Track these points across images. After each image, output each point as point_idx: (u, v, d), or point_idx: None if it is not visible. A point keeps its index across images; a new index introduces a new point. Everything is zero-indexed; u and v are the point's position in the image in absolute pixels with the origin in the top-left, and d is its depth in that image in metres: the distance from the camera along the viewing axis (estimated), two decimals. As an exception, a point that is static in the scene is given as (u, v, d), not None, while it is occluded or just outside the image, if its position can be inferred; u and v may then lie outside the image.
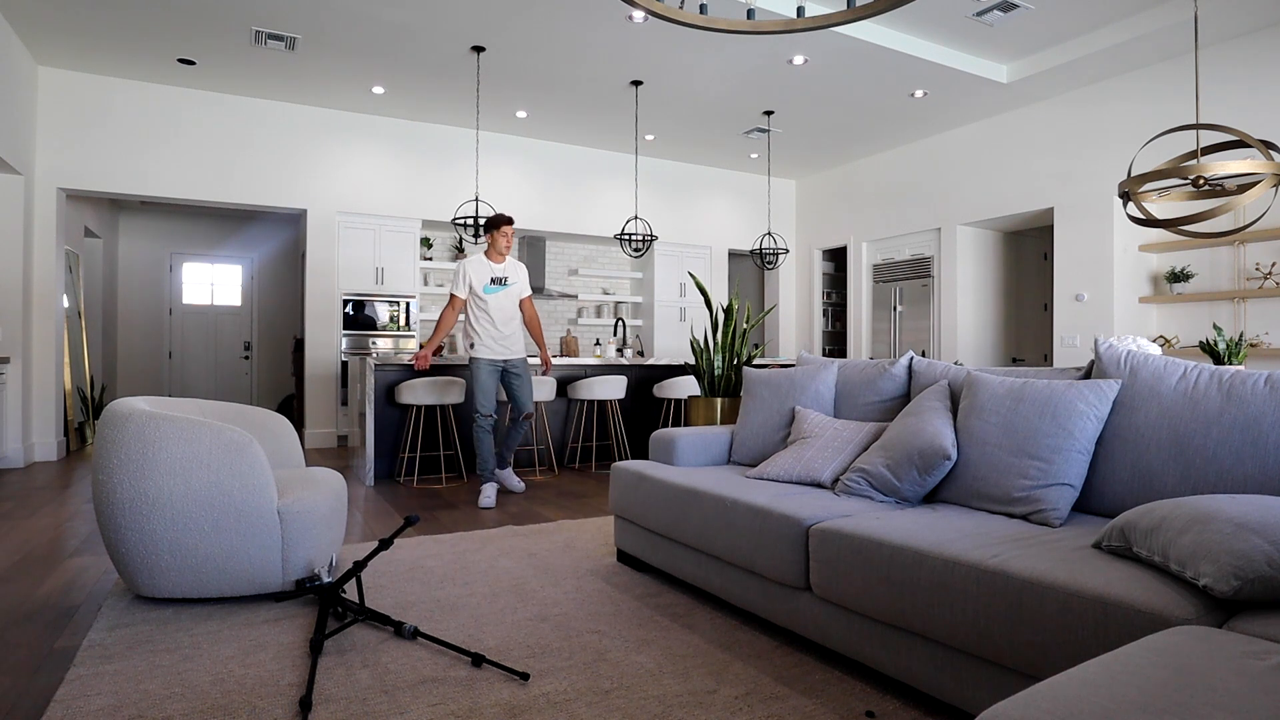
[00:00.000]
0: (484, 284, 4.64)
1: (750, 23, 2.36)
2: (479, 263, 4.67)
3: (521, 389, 4.78)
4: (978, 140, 7.56)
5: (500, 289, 4.66)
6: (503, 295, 4.67)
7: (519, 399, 4.79)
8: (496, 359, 4.67)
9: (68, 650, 2.28)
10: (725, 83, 6.61)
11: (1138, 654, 1.11)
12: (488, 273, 4.66)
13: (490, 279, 4.66)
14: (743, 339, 4.83)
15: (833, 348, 9.72)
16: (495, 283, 4.66)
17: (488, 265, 4.68)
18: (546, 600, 2.74)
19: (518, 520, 4.15)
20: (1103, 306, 6.40)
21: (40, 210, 6.26)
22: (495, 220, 4.66)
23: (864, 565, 1.97)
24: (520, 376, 4.76)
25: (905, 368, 2.93)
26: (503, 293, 4.67)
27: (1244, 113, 5.54)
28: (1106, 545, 1.72)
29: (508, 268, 4.72)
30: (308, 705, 1.85)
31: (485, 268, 4.67)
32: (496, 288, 4.66)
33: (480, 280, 4.64)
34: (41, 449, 6.27)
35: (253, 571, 2.60)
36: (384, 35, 5.69)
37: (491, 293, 4.64)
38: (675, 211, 9.17)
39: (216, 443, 2.55)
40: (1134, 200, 4.18)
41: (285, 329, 10.10)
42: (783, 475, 2.79)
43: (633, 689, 2.00)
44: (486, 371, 4.64)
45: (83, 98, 6.42)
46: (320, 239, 7.34)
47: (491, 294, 4.64)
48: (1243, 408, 1.90)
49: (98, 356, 8.45)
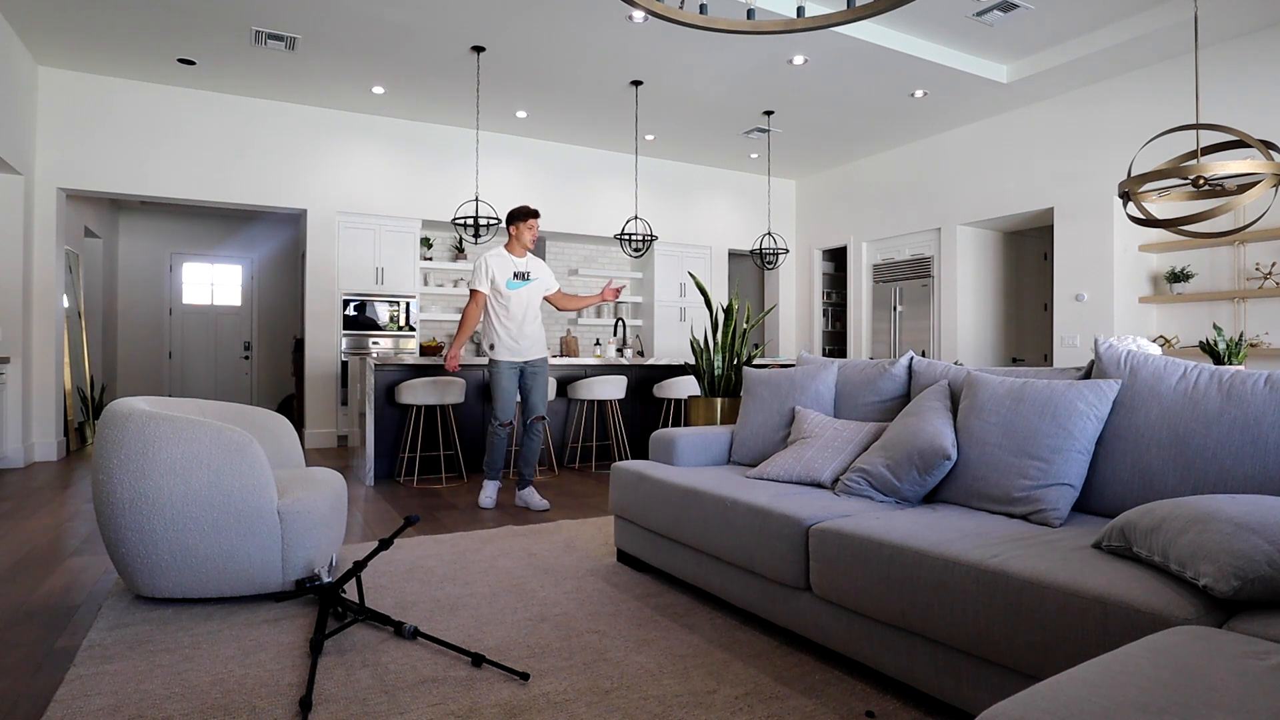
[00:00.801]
0: (507, 279, 4.38)
1: (750, 23, 2.36)
2: (500, 257, 4.41)
3: (536, 389, 4.51)
4: (978, 140, 7.56)
5: (523, 284, 4.41)
6: (525, 291, 4.42)
7: (531, 399, 4.51)
8: (516, 360, 4.43)
9: (68, 650, 2.28)
10: (725, 83, 6.61)
11: (1138, 654, 1.11)
12: (510, 267, 4.40)
13: (513, 274, 4.40)
14: (743, 339, 4.83)
15: (833, 348, 9.72)
16: (518, 278, 4.41)
17: (510, 260, 4.42)
18: (546, 600, 2.74)
19: (518, 520, 4.15)
20: (1103, 306, 6.40)
21: (40, 210, 6.26)
22: (520, 212, 4.43)
23: (864, 565, 1.97)
24: (537, 376, 4.50)
25: (905, 368, 2.93)
26: (525, 289, 4.42)
27: (1244, 113, 5.54)
28: (1106, 545, 1.72)
29: (530, 262, 4.49)
30: (308, 705, 1.85)
31: (508, 262, 4.41)
32: (520, 283, 4.40)
33: (503, 275, 4.38)
34: (41, 449, 6.27)
35: (253, 571, 2.60)
36: (384, 35, 5.69)
37: (515, 288, 4.39)
38: (675, 211, 9.17)
39: (216, 443, 2.55)
40: (1134, 200, 4.18)
41: (285, 329, 10.10)
42: (783, 475, 2.79)
43: (633, 689, 2.00)
44: (507, 375, 4.41)
45: (83, 98, 6.42)
46: (320, 239, 7.34)
47: (515, 289, 4.39)
48: (1243, 408, 1.90)
49: (98, 356, 8.45)
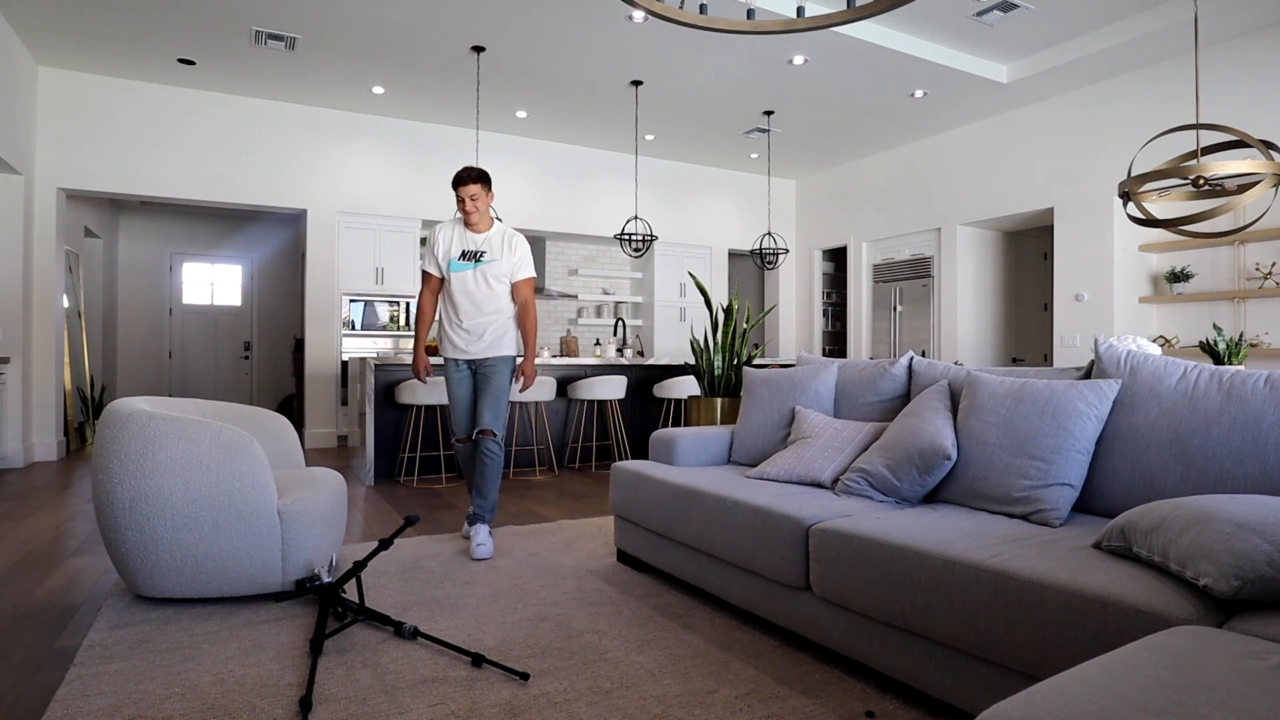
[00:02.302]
0: (450, 258, 3.50)
1: (750, 23, 2.36)
2: (453, 227, 3.54)
3: (485, 394, 3.47)
4: (978, 140, 7.56)
5: (470, 266, 3.48)
6: (472, 276, 3.48)
7: (479, 408, 3.49)
8: (462, 359, 3.54)
9: (68, 650, 2.28)
10: (725, 83, 6.60)
11: (1138, 654, 1.11)
12: (459, 244, 3.51)
13: (461, 252, 3.49)
14: (743, 339, 4.83)
15: (833, 348, 9.72)
16: (466, 258, 3.49)
17: (462, 234, 3.52)
18: (546, 600, 2.74)
19: (518, 520, 4.15)
20: (1103, 306, 6.40)
21: (40, 210, 6.26)
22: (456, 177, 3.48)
23: (864, 565, 1.97)
24: (489, 379, 3.50)
25: (905, 368, 2.93)
26: (473, 272, 3.48)
27: (1244, 113, 5.54)
28: (1106, 545, 1.72)
29: (489, 240, 3.51)
30: (308, 705, 1.85)
31: (460, 236, 3.52)
32: (467, 265, 3.48)
33: (447, 252, 3.51)
34: (41, 449, 6.27)
35: (253, 571, 2.60)
36: (384, 35, 5.69)
37: (459, 270, 3.48)
38: (675, 211, 9.17)
39: (216, 443, 2.55)
40: (1134, 200, 4.18)
41: (285, 329, 10.10)
42: (783, 475, 2.79)
43: (633, 689, 2.00)
44: (454, 378, 3.55)
45: (83, 98, 6.42)
46: (320, 239, 7.34)
47: (458, 271, 3.49)
48: (1243, 408, 1.90)
49: (98, 356, 8.45)
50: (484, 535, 3.36)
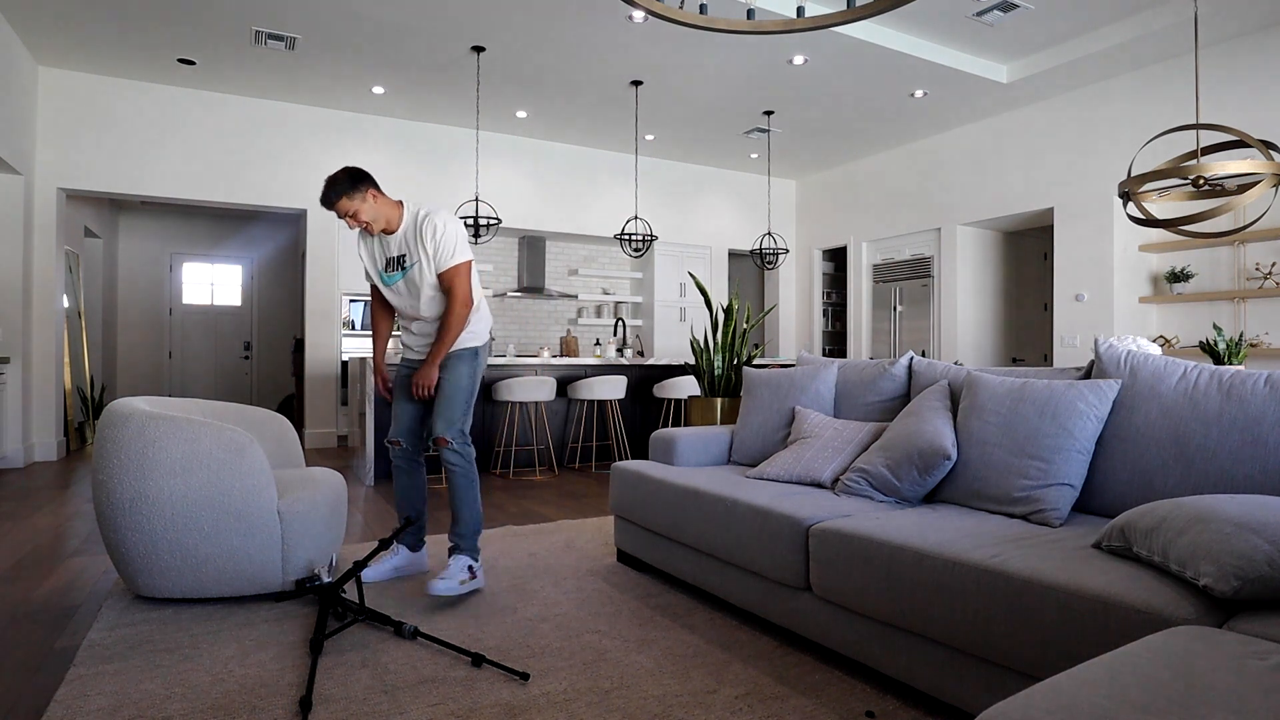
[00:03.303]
0: (380, 272, 3.08)
1: (750, 23, 2.36)
2: (369, 240, 3.08)
3: (439, 396, 2.98)
4: (978, 140, 7.56)
5: (399, 276, 3.02)
6: (403, 284, 3.03)
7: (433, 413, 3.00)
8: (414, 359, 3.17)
9: (68, 650, 2.28)
10: (725, 83, 6.60)
11: (1138, 654, 1.11)
12: (380, 253, 3.05)
13: (385, 262, 3.05)
14: (743, 339, 4.83)
15: (833, 348, 9.72)
16: (390, 267, 3.03)
17: (380, 241, 3.04)
18: (546, 600, 2.74)
19: (518, 520, 4.15)
20: (1103, 306, 6.40)
21: (40, 210, 6.26)
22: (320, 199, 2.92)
23: (864, 565, 1.97)
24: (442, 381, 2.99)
25: (905, 368, 2.93)
26: (402, 281, 3.02)
27: (1244, 113, 5.54)
28: (1106, 545, 1.72)
29: (405, 241, 2.97)
30: (308, 705, 1.85)
31: (378, 245, 3.05)
32: (394, 275, 3.03)
33: (375, 266, 3.09)
34: (41, 449, 6.27)
35: (253, 571, 2.60)
36: (384, 35, 5.68)
37: (390, 283, 3.06)
38: (675, 211, 9.17)
39: (216, 443, 2.55)
40: (1134, 200, 4.18)
41: (285, 329, 10.10)
42: (783, 475, 2.79)
43: (633, 689, 2.00)
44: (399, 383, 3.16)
45: (83, 98, 6.42)
46: (320, 239, 7.34)
47: (389, 285, 3.08)
48: (1243, 408, 1.90)
49: (98, 356, 8.45)
50: (455, 569, 2.80)
